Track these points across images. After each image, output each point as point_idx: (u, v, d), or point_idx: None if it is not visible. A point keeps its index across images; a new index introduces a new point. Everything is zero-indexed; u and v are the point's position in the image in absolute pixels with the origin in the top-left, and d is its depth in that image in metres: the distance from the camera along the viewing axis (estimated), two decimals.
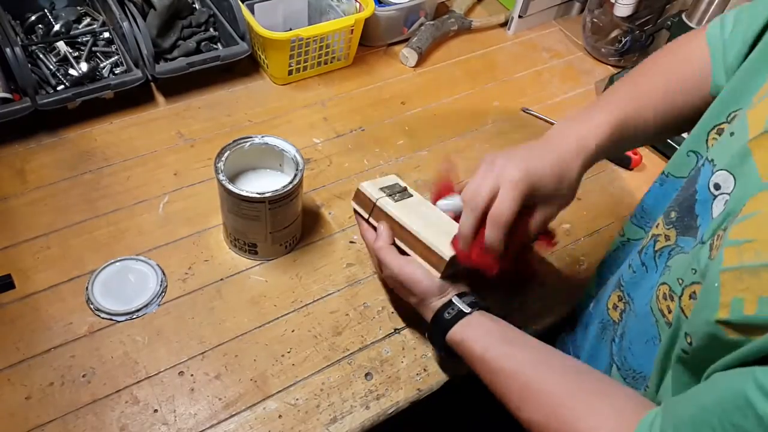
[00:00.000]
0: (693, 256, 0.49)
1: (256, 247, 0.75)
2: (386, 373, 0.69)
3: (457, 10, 1.16)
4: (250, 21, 0.94)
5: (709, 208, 0.49)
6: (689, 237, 0.52)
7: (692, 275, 0.48)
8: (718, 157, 0.50)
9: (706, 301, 0.43)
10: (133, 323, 0.70)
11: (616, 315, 0.63)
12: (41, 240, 0.76)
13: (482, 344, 0.59)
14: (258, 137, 0.74)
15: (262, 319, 0.72)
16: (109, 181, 0.83)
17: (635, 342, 0.58)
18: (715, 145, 0.52)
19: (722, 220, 0.46)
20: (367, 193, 0.68)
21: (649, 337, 0.55)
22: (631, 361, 0.59)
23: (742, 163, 0.46)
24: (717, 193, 0.49)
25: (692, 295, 0.47)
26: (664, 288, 0.53)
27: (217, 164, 0.70)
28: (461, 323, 0.62)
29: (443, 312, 0.63)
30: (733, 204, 0.46)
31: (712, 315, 0.42)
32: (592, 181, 0.94)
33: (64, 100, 0.84)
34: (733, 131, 0.49)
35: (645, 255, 0.59)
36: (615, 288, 0.64)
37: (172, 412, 0.64)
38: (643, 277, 0.59)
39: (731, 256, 0.42)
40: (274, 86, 1.01)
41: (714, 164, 0.50)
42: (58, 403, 0.63)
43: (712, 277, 0.43)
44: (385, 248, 0.66)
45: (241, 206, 0.70)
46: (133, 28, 0.89)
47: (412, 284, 0.64)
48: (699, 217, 0.51)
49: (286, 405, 0.66)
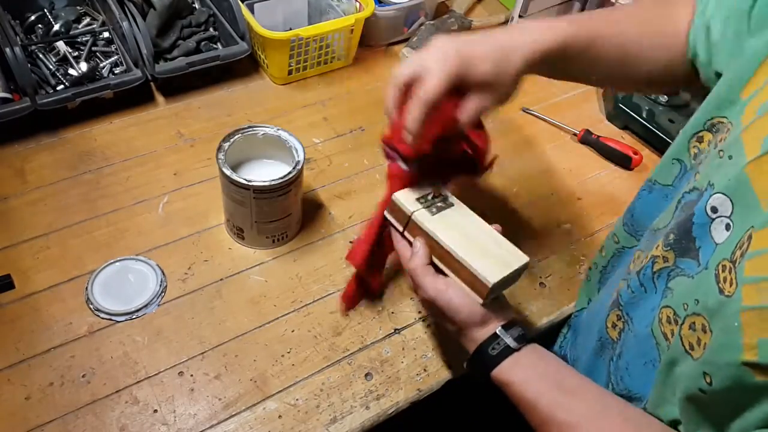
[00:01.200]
0: (698, 285, 0.48)
1: (243, 232, 0.77)
2: (386, 373, 0.69)
3: (457, 9, 1.16)
4: (250, 21, 0.94)
5: (707, 231, 0.49)
6: (689, 259, 0.51)
7: (695, 305, 0.47)
8: (717, 179, 0.49)
9: (726, 340, 0.42)
10: (133, 323, 0.70)
11: (615, 334, 0.62)
12: (41, 240, 0.76)
13: (534, 390, 0.54)
14: (271, 128, 0.76)
15: (261, 319, 0.72)
16: (109, 181, 0.83)
17: (633, 363, 0.57)
18: (714, 166, 0.51)
19: (729, 250, 0.45)
20: (401, 204, 0.62)
21: (648, 359, 0.54)
22: (628, 382, 0.58)
23: (740, 188, 0.45)
24: (714, 216, 0.48)
25: (692, 326, 0.47)
26: (668, 311, 0.52)
27: (223, 144, 0.73)
28: (509, 362, 0.56)
29: (487, 347, 0.57)
30: (738, 231, 0.45)
31: (737, 356, 0.41)
32: (592, 181, 0.94)
33: (63, 100, 0.84)
34: (730, 154, 0.48)
35: (643, 276, 0.57)
36: (614, 307, 0.62)
37: (172, 413, 0.64)
38: (642, 297, 0.58)
39: (750, 295, 0.41)
40: (274, 86, 1.00)
41: (713, 187, 0.49)
42: (58, 403, 0.63)
43: (730, 316, 0.42)
44: (421, 268, 0.59)
45: (230, 188, 0.72)
46: (133, 27, 0.89)
47: (451, 312, 0.58)
48: (697, 239, 0.50)
49: (286, 405, 0.66)
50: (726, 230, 0.47)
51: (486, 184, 0.90)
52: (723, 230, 0.47)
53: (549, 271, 0.82)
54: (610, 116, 1.04)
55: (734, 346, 0.41)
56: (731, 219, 0.46)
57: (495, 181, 0.91)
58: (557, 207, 0.90)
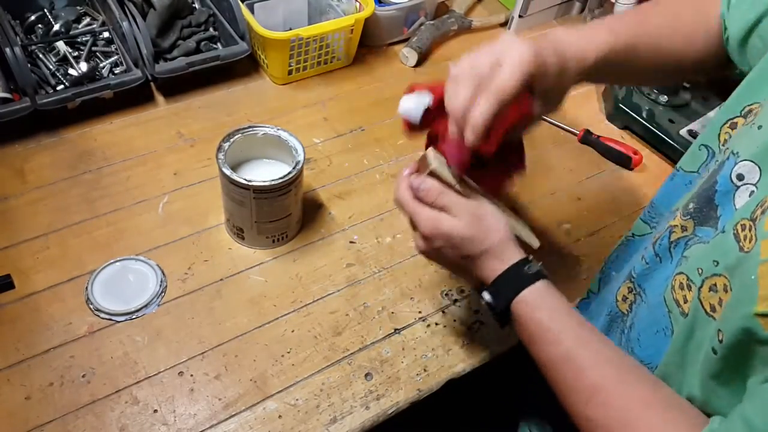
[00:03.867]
0: (714, 247, 0.48)
1: (243, 232, 0.77)
2: (386, 373, 0.69)
3: (458, 9, 1.16)
4: (250, 21, 0.94)
5: (731, 199, 0.49)
6: (708, 227, 0.52)
7: (714, 267, 0.47)
8: (742, 148, 0.50)
9: (742, 294, 0.43)
10: (133, 323, 0.70)
11: (626, 307, 0.62)
12: (41, 240, 0.76)
13: (561, 321, 0.52)
14: (272, 128, 0.76)
15: (261, 319, 0.72)
16: (109, 181, 0.83)
17: (644, 332, 0.57)
18: (737, 136, 0.52)
19: (748, 210, 0.45)
20: (429, 159, 0.56)
21: (660, 328, 0.54)
22: (638, 352, 0.58)
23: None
24: (740, 184, 0.48)
25: (712, 287, 0.46)
26: (681, 278, 0.52)
27: (223, 144, 0.72)
28: (541, 285, 0.54)
29: (523, 266, 0.55)
30: (762, 193, 0.45)
31: (751, 308, 0.41)
32: (592, 181, 0.94)
33: (63, 100, 0.84)
34: (761, 124, 0.48)
35: (659, 246, 0.58)
36: (625, 279, 0.63)
37: (172, 413, 0.64)
38: (656, 268, 0.58)
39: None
40: (274, 86, 1.00)
41: (738, 155, 0.49)
42: (58, 404, 0.63)
43: (748, 270, 0.42)
44: (446, 192, 0.55)
45: (230, 188, 0.72)
46: (133, 27, 0.89)
47: (487, 229, 0.55)
48: (719, 207, 0.50)
49: (286, 405, 0.65)
50: (749, 197, 0.47)
51: None
52: (747, 197, 0.47)
53: (549, 271, 0.81)
54: (611, 116, 1.04)
55: (750, 299, 0.41)
56: (756, 186, 0.47)
57: None
58: (557, 207, 0.89)
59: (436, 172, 0.56)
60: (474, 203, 0.57)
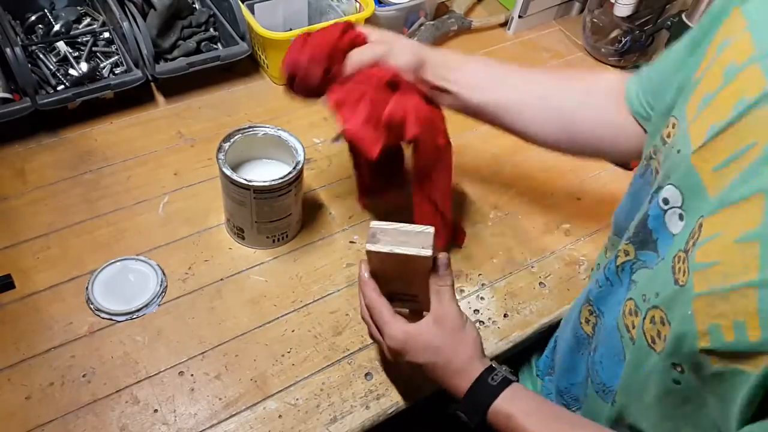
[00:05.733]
0: (656, 275, 0.49)
1: (243, 232, 0.77)
2: (386, 373, 0.69)
3: (457, 10, 1.16)
4: (250, 21, 0.94)
5: (662, 223, 0.49)
6: (648, 251, 0.52)
7: (655, 298, 0.47)
8: (666, 172, 0.50)
9: (683, 329, 0.43)
10: (133, 323, 0.70)
11: (589, 329, 0.62)
12: (41, 240, 0.76)
13: (536, 421, 0.53)
14: (272, 128, 0.76)
15: (262, 319, 0.72)
16: (110, 181, 0.83)
17: (605, 356, 0.57)
18: (663, 160, 0.52)
19: (683, 240, 0.45)
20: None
21: (616, 352, 0.55)
22: (603, 376, 0.58)
23: (688, 178, 0.46)
24: (666, 208, 0.49)
25: (652, 319, 0.47)
26: (630, 303, 0.52)
27: (223, 144, 0.72)
28: (509, 392, 0.55)
29: (487, 377, 0.56)
30: (690, 221, 0.46)
31: (694, 344, 0.41)
32: (592, 180, 0.94)
33: (64, 100, 0.84)
34: (679, 148, 0.49)
35: (608, 270, 0.58)
36: (585, 302, 0.63)
37: (172, 412, 0.64)
38: (609, 291, 0.58)
39: (700, 281, 0.41)
40: (274, 86, 1.01)
41: (668, 179, 0.50)
42: (59, 403, 0.63)
43: (685, 304, 0.42)
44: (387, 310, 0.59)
45: (230, 188, 0.72)
46: (133, 28, 0.89)
47: (445, 349, 0.57)
48: (654, 231, 0.51)
49: (286, 405, 0.66)
50: (680, 221, 0.47)
51: (485, 184, 0.90)
52: (677, 221, 0.47)
53: (549, 270, 0.82)
54: None
55: (691, 334, 0.41)
56: (683, 209, 0.47)
57: (494, 181, 0.91)
58: (557, 207, 0.90)
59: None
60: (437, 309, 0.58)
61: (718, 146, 0.43)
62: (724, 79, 0.45)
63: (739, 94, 0.43)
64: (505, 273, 0.81)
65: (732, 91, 0.44)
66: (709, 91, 0.46)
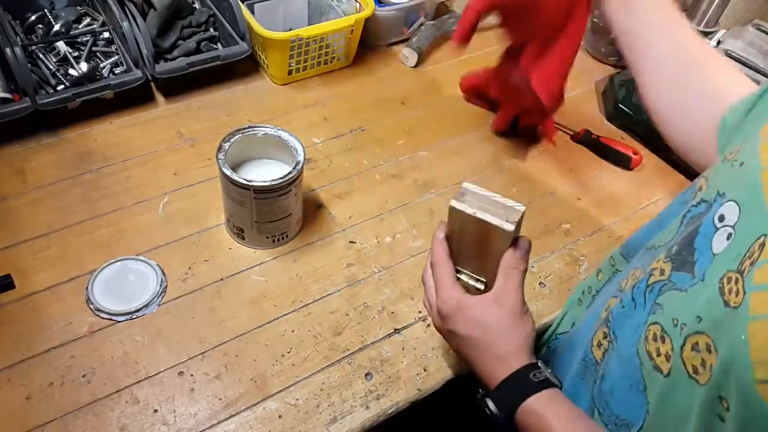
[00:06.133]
0: (693, 298, 0.44)
1: (243, 232, 0.77)
2: (386, 373, 0.69)
3: (457, 10, 1.16)
4: (250, 21, 0.94)
5: (708, 242, 0.45)
6: (684, 272, 0.48)
7: (696, 323, 0.42)
8: (728, 188, 0.47)
9: (732, 355, 0.38)
10: (133, 323, 0.70)
11: (600, 354, 0.57)
12: (41, 240, 0.76)
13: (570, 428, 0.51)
14: (272, 128, 0.76)
15: (262, 319, 0.72)
16: (109, 181, 0.83)
17: (617, 386, 0.52)
18: (723, 176, 0.49)
19: (733, 260, 0.41)
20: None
21: (633, 382, 0.50)
22: (614, 407, 0.53)
23: (752, 194, 0.43)
24: (720, 225, 0.45)
25: (695, 346, 0.42)
26: (655, 328, 0.47)
27: (223, 144, 0.72)
28: (549, 393, 0.53)
29: (528, 372, 0.53)
30: (741, 238, 0.42)
31: (748, 374, 0.36)
32: (592, 180, 0.94)
33: (64, 100, 0.84)
34: (743, 161, 0.46)
35: (637, 289, 0.53)
36: (603, 324, 0.57)
37: (172, 412, 0.64)
38: (630, 314, 0.53)
39: (759, 304, 0.37)
40: (274, 86, 1.01)
41: (724, 196, 0.46)
42: (58, 403, 0.63)
43: (737, 328, 0.38)
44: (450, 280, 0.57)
45: (230, 188, 0.72)
46: (133, 28, 0.89)
47: (497, 330, 0.55)
48: (696, 251, 0.47)
49: (286, 405, 0.66)
50: (727, 240, 0.44)
51: (485, 185, 0.90)
52: (724, 240, 0.44)
53: (549, 270, 0.82)
54: (610, 116, 1.04)
55: (744, 362, 0.36)
56: (734, 228, 0.43)
57: (494, 181, 0.91)
58: (557, 207, 0.90)
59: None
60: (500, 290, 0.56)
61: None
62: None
63: None
64: None
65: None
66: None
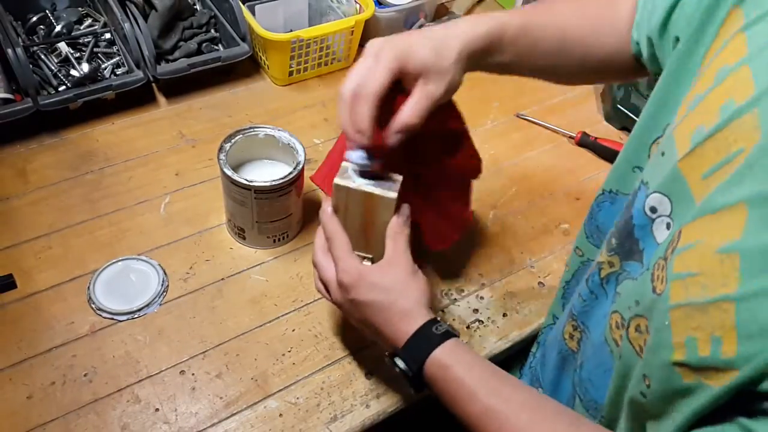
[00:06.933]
0: (639, 284, 0.47)
1: (244, 232, 0.77)
2: (386, 372, 0.69)
3: (457, 11, 1.16)
4: (251, 22, 0.94)
5: (649, 232, 0.47)
6: (633, 261, 0.50)
7: (636, 307, 0.46)
8: (651, 177, 0.48)
9: (658, 340, 0.41)
10: (135, 323, 0.70)
11: (574, 344, 0.60)
12: (43, 240, 0.76)
13: (474, 376, 0.52)
14: (272, 129, 0.76)
15: (262, 318, 0.72)
16: (111, 181, 0.84)
17: (594, 373, 0.55)
18: (647, 166, 0.50)
19: (664, 248, 0.43)
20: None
21: (606, 368, 0.52)
22: (593, 393, 0.55)
23: (676, 185, 0.44)
24: (654, 216, 0.47)
25: (637, 328, 0.45)
26: (616, 317, 0.50)
27: (224, 144, 0.73)
28: (452, 343, 0.54)
29: (430, 326, 0.54)
30: (674, 229, 0.44)
31: (668, 356, 0.39)
32: (590, 181, 0.94)
33: (65, 100, 0.84)
34: (663, 151, 0.47)
35: (592, 282, 0.56)
36: (568, 317, 0.60)
37: (174, 411, 0.64)
38: (593, 305, 0.56)
39: (678, 292, 0.39)
40: (275, 87, 1.01)
41: (648, 186, 0.48)
42: (60, 402, 0.63)
43: (662, 314, 0.40)
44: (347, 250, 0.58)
45: (231, 189, 0.72)
46: (135, 29, 0.90)
47: (394, 292, 0.56)
48: (640, 241, 0.49)
49: (286, 404, 0.66)
50: (667, 229, 0.45)
51: (484, 185, 0.90)
52: (664, 230, 0.46)
53: (548, 270, 0.82)
54: (608, 117, 1.04)
55: (666, 345, 0.39)
56: (671, 217, 0.45)
57: (494, 181, 0.91)
58: (556, 207, 0.90)
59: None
60: (391, 249, 0.58)
61: (707, 152, 0.41)
62: (715, 81, 0.43)
63: (726, 97, 0.41)
64: (504, 273, 0.81)
65: (720, 92, 0.42)
66: (698, 92, 0.45)
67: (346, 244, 0.58)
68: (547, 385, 0.67)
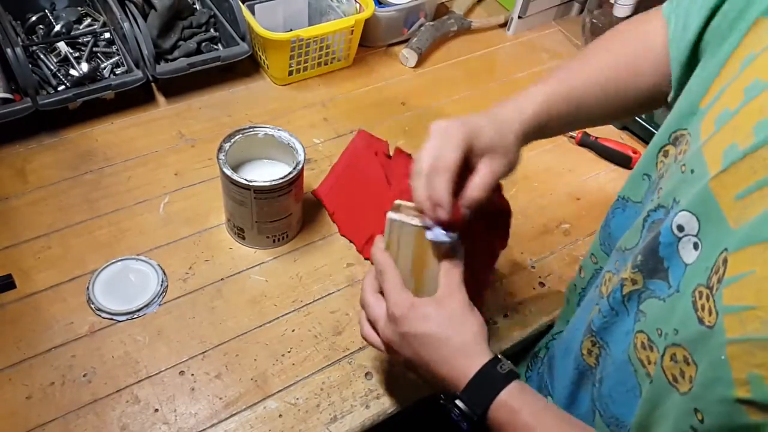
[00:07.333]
0: (671, 309, 0.46)
1: (243, 232, 0.77)
2: (386, 372, 0.69)
3: (457, 10, 1.16)
4: (251, 22, 0.94)
5: (675, 251, 0.47)
6: (658, 280, 0.49)
7: (674, 335, 0.44)
8: (682, 196, 0.47)
9: (713, 375, 0.39)
10: (134, 323, 0.70)
11: (592, 360, 0.59)
12: (42, 240, 0.76)
13: (543, 421, 0.50)
14: (272, 129, 0.76)
15: (262, 318, 0.72)
16: (110, 181, 0.84)
17: (615, 389, 0.54)
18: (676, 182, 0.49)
19: (703, 273, 0.42)
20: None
21: (630, 387, 0.51)
22: (614, 410, 0.54)
23: (706, 204, 0.43)
24: (681, 235, 0.46)
25: (673, 357, 0.44)
26: (642, 337, 0.49)
27: (224, 144, 0.73)
28: (517, 385, 0.51)
29: (494, 366, 0.52)
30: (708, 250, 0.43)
31: (728, 392, 0.37)
32: (591, 180, 0.94)
33: (64, 100, 0.84)
34: (693, 168, 0.46)
35: (613, 299, 0.54)
36: (587, 333, 0.59)
37: (173, 412, 0.64)
38: (614, 322, 0.55)
39: (733, 326, 0.38)
40: (275, 86, 1.01)
41: (678, 204, 0.47)
42: (59, 403, 0.63)
43: (716, 348, 0.39)
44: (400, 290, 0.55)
45: (231, 188, 0.72)
46: (134, 28, 0.89)
47: (451, 330, 0.53)
48: (665, 260, 0.48)
49: (286, 404, 0.66)
50: (695, 249, 0.44)
51: None
52: (691, 249, 0.45)
53: (548, 270, 0.82)
54: None
55: (725, 381, 0.38)
56: (698, 237, 0.44)
57: None
58: (556, 207, 0.90)
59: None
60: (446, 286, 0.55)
61: (741, 172, 0.40)
62: (746, 95, 0.42)
63: (761, 116, 0.39)
64: (505, 273, 0.81)
65: (753, 110, 0.40)
66: (728, 107, 0.44)
67: (398, 278, 0.56)
68: (560, 398, 0.65)
